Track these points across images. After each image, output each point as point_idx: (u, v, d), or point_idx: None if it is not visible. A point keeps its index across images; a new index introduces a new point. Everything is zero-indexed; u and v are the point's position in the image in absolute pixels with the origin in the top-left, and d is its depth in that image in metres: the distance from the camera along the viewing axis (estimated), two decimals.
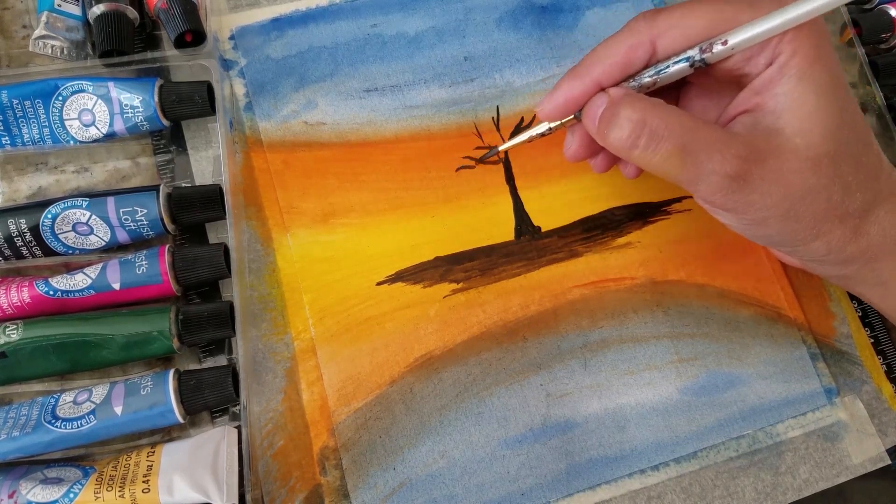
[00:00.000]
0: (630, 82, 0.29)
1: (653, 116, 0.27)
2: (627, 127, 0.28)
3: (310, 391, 0.33)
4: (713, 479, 0.34)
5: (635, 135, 0.28)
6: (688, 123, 0.27)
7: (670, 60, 0.28)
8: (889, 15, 0.40)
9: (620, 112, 0.28)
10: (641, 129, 0.27)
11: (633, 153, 0.28)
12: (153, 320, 0.31)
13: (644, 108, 0.28)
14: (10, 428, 0.29)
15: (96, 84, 0.33)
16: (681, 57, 0.28)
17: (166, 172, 0.35)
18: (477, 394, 0.34)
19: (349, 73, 0.38)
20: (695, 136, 0.27)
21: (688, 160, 0.27)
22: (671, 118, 0.27)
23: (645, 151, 0.28)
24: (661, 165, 0.28)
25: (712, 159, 0.27)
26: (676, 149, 0.27)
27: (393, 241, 0.35)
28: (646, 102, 0.28)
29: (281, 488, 0.32)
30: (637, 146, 0.28)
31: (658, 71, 0.29)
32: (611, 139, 0.29)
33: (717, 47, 0.27)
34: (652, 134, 0.27)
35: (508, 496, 0.32)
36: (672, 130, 0.27)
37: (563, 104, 0.30)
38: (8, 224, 0.31)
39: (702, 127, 0.27)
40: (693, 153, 0.27)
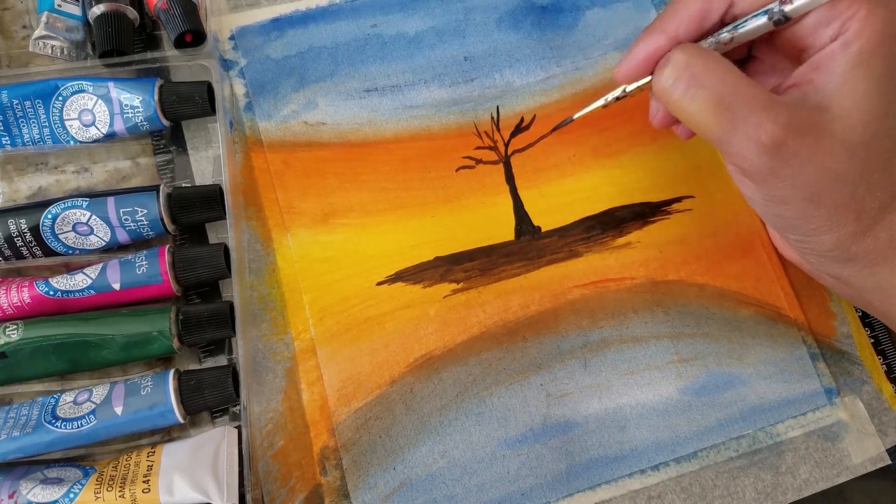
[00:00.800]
0: (708, 39, 0.28)
1: (697, 62, 0.26)
2: (671, 68, 0.27)
3: (310, 391, 0.33)
4: (713, 479, 0.34)
5: (675, 76, 0.27)
6: (732, 77, 0.26)
7: (749, 16, 0.27)
8: None
9: (671, 54, 0.27)
10: (683, 71, 0.27)
11: (672, 97, 0.27)
12: (153, 320, 0.31)
13: (692, 54, 0.27)
14: (10, 428, 0.29)
15: (96, 84, 0.33)
16: (760, 11, 0.27)
17: (166, 172, 0.35)
18: (477, 394, 0.34)
19: (349, 73, 0.38)
20: (736, 90, 0.26)
21: (724, 115, 0.26)
22: (716, 68, 0.26)
23: (683, 97, 0.27)
24: (696, 115, 0.27)
25: (749, 120, 0.26)
26: (714, 99, 0.26)
27: (393, 241, 0.35)
28: (697, 48, 0.27)
29: (281, 488, 0.32)
30: (676, 89, 0.27)
31: (735, 26, 0.28)
32: (656, 82, 0.28)
33: None
34: (692, 78, 0.26)
35: (508, 496, 0.32)
36: (713, 79, 0.26)
37: (643, 62, 0.29)
38: (8, 224, 0.31)
39: (746, 84, 0.26)
40: (730, 108, 0.26)
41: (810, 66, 0.28)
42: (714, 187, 0.38)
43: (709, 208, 0.38)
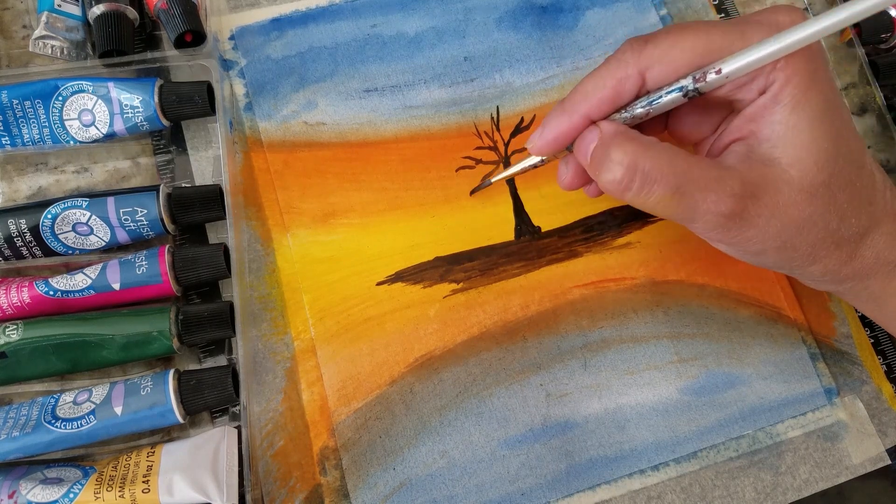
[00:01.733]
0: (622, 113, 0.29)
1: (644, 159, 0.27)
2: (619, 171, 0.27)
3: (310, 391, 0.33)
4: (713, 479, 0.34)
5: (627, 178, 0.27)
6: (680, 165, 0.27)
7: (662, 91, 0.28)
8: (889, 15, 0.40)
9: (611, 155, 0.27)
10: (633, 172, 0.27)
11: (627, 195, 0.28)
12: (153, 320, 0.31)
13: (635, 151, 0.27)
14: (10, 428, 0.29)
15: (96, 84, 0.33)
16: (673, 87, 0.27)
17: (166, 172, 0.35)
18: (477, 394, 0.34)
19: (349, 73, 0.38)
20: (688, 177, 0.27)
21: (682, 201, 0.27)
22: (663, 160, 0.27)
23: (638, 195, 0.27)
24: (655, 207, 0.28)
25: (707, 199, 0.27)
26: (670, 191, 0.27)
27: (393, 241, 0.35)
28: (636, 144, 0.27)
29: (281, 488, 0.32)
30: (630, 189, 0.27)
31: (650, 102, 0.28)
32: (603, 181, 0.28)
33: (710, 76, 0.27)
34: (644, 178, 0.27)
35: (508, 496, 0.32)
36: (664, 173, 0.27)
37: (553, 140, 0.30)
38: (8, 224, 0.31)
39: (695, 166, 0.27)
40: (687, 194, 0.27)
41: (746, 119, 0.28)
42: None
43: None
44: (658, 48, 0.27)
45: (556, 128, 0.29)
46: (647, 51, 0.28)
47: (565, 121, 0.29)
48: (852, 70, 0.41)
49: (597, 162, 0.28)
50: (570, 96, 0.29)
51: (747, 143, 0.28)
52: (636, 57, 0.28)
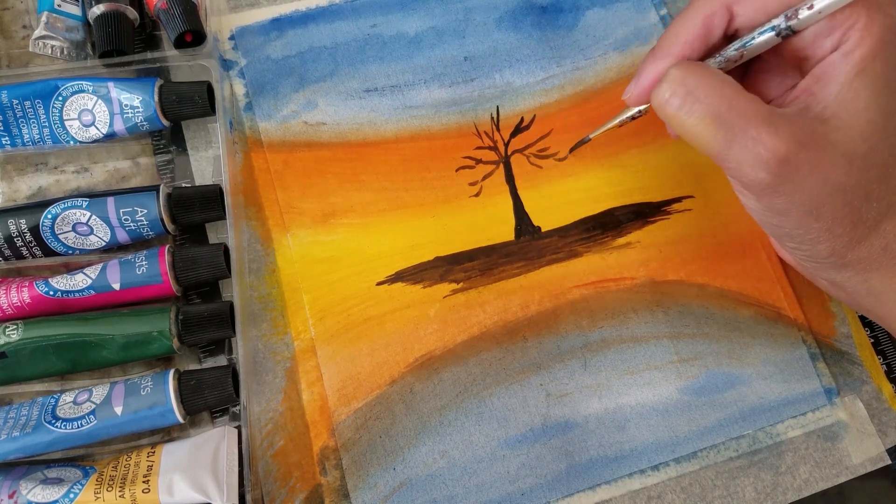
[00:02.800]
0: (715, 57, 0.28)
1: (693, 77, 0.26)
2: (668, 83, 0.27)
3: (310, 391, 0.33)
4: (713, 479, 0.34)
5: (670, 91, 0.27)
6: (729, 91, 0.26)
7: (755, 31, 0.27)
8: None
9: (669, 71, 0.27)
10: (678, 86, 0.26)
11: (668, 111, 0.27)
12: (153, 320, 0.31)
13: (688, 68, 0.27)
14: (10, 428, 0.29)
15: (96, 84, 0.33)
16: (766, 27, 0.27)
17: (166, 173, 0.35)
18: (477, 394, 0.34)
19: (349, 73, 0.38)
20: (732, 105, 0.26)
21: (722, 129, 0.26)
22: (712, 82, 0.26)
23: (679, 111, 0.27)
24: (693, 130, 0.27)
25: (748, 134, 0.26)
26: (711, 114, 0.26)
27: (393, 241, 0.35)
28: (694, 64, 0.27)
29: (281, 488, 0.32)
30: (671, 104, 0.27)
31: (743, 43, 0.28)
32: (653, 97, 0.28)
33: (802, 12, 0.26)
34: (688, 94, 0.26)
35: (508, 496, 0.32)
36: (710, 94, 0.26)
37: (650, 87, 0.29)
38: (8, 224, 0.31)
39: (744, 98, 0.26)
40: (727, 123, 0.26)
41: (812, 78, 0.27)
42: (714, 187, 0.38)
43: (709, 208, 0.38)
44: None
45: (651, 74, 0.29)
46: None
47: (658, 65, 0.28)
48: None
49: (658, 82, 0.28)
50: (661, 41, 0.29)
51: (805, 101, 0.27)
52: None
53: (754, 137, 0.25)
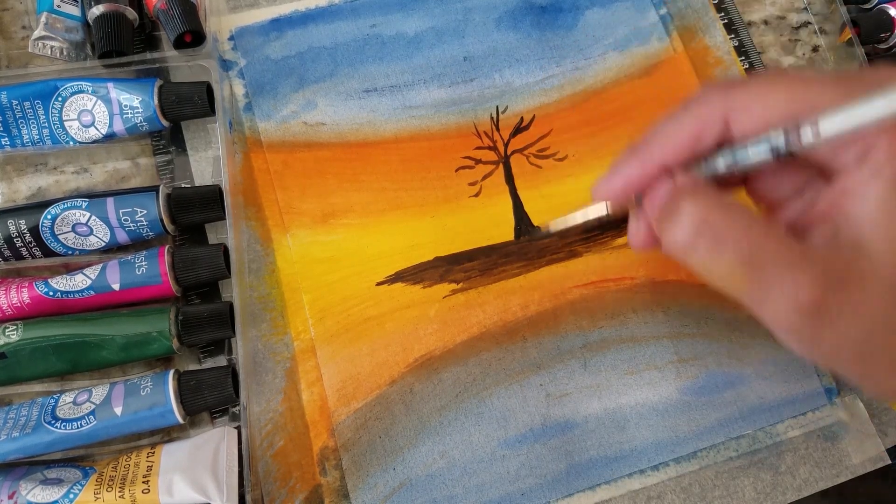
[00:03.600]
0: (701, 168, 0.25)
1: (718, 216, 0.23)
2: (687, 224, 0.24)
3: (309, 391, 0.33)
4: (713, 479, 0.34)
5: (694, 235, 0.23)
6: (757, 232, 0.23)
7: (748, 143, 0.24)
8: (888, 15, 0.40)
9: (682, 206, 0.24)
10: (702, 228, 0.23)
11: (692, 257, 0.24)
12: (153, 321, 0.31)
13: (709, 205, 0.23)
14: (10, 428, 0.29)
15: (96, 85, 0.33)
16: (761, 139, 0.24)
17: (166, 173, 0.35)
18: (477, 394, 0.34)
19: (348, 73, 0.38)
20: (764, 248, 0.23)
21: (754, 276, 0.23)
22: (739, 222, 0.23)
23: (705, 257, 0.24)
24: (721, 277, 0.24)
25: (784, 280, 0.23)
26: (741, 259, 0.23)
27: (393, 241, 0.35)
28: (712, 199, 0.24)
29: (281, 489, 0.32)
30: (695, 249, 0.24)
31: (734, 156, 0.25)
32: (668, 236, 0.24)
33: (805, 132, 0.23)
34: (714, 237, 0.23)
35: (508, 496, 0.32)
36: (738, 236, 0.23)
37: (622, 188, 0.26)
38: (7, 225, 0.31)
39: (774, 238, 0.23)
40: (760, 269, 0.23)
41: (837, 191, 0.24)
42: None
43: None
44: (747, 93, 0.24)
45: (626, 174, 0.26)
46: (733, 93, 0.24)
47: (637, 166, 0.26)
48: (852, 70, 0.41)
49: (664, 214, 0.25)
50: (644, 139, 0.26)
51: (834, 223, 0.24)
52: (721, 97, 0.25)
53: (791, 283, 0.22)
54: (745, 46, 0.41)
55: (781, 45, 0.42)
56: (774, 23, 0.42)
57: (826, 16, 0.43)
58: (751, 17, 0.42)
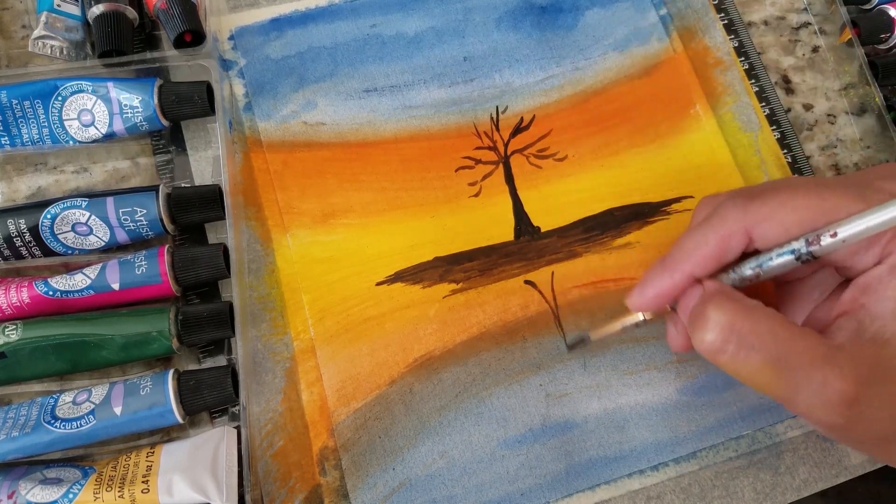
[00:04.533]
0: (730, 274, 0.27)
1: (743, 321, 0.25)
2: (715, 330, 0.25)
3: (309, 391, 0.33)
4: (712, 480, 0.34)
5: (722, 339, 0.25)
6: (783, 333, 0.24)
7: (773, 252, 0.26)
8: (888, 15, 0.40)
9: (708, 313, 0.25)
10: (729, 334, 0.25)
11: (721, 359, 0.25)
12: (152, 321, 0.31)
13: (734, 311, 0.25)
14: (9, 428, 0.29)
15: (96, 84, 0.33)
16: (784, 249, 0.26)
17: (166, 173, 0.35)
18: (476, 394, 0.34)
19: (348, 73, 0.38)
20: (791, 348, 0.24)
21: (784, 375, 0.24)
22: (764, 325, 0.25)
23: (734, 360, 0.25)
24: (752, 377, 0.25)
25: (812, 379, 0.24)
26: (769, 361, 0.24)
27: (392, 241, 0.35)
28: (737, 305, 0.25)
29: (280, 489, 0.32)
30: (724, 352, 0.25)
31: (759, 263, 0.26)
32: (698, 341, 0.26)
33: (825, 239, 0.25)
34: (741, 341, 0.25)
35: (508, 496, 0.32)
36: (764, 340, 0.24)
37: (654, 298, 0.28)
38: (7, 224, 0.31)
39: (799, 338, 0.24)
40: (789, 369, 0.24)
41: (858, 289, 0.26)
42: (714, 187, 0.38)
43: None
44: (766, 206, 0.26)
45: (658, 286, 0.28)
46: (753, 208, 0.26)
47: (667, 279, 0.27)
48: (852, 70, 0.41)
49: (693, 320, 0.26)
50: (672, 253, 0.28)
51: (858, 319, 0.26)
52: (741, 214, 0.26)
53: (821, 382, 0.24)
54: (744, 47, 0.41)
55: (781, 46, 0.42)
56: (774, 23, 0.42)
57: (826, 16, 0.43)
58: (751, 17, 0.42)
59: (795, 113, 0.41)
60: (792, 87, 0.41)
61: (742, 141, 0.39)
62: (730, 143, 0.39)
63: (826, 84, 0.41)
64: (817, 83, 0.41)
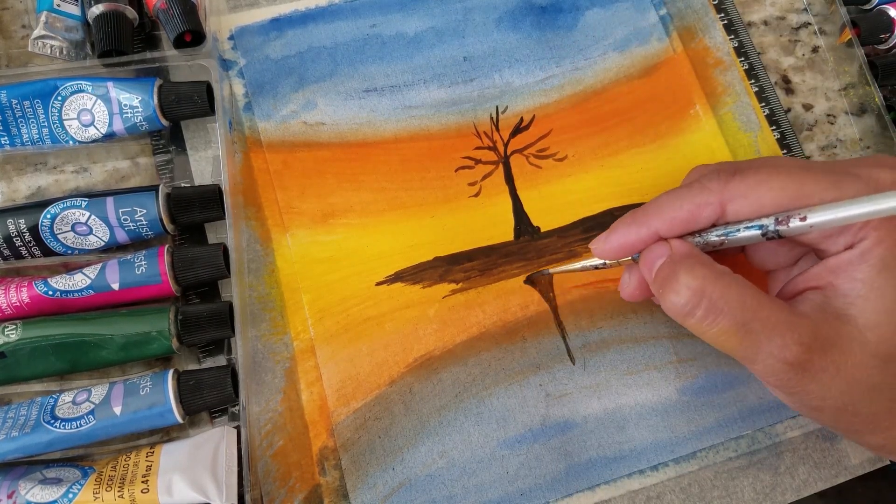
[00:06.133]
0: (695, 237, 0.28)
1: (713, 287, 0.26)
2: (685, 294, 0.26)
3: (309, 391, 0.33)
4: (712, 480, 0.34)
5: (692, 304, 0.26)
6: (749, 301, 0.26)
7: (742, 224, 0.27)
8: (888, 15, 0.40)
9: (679, 276, 0.27)
10: (699, 299, 0.26)
11: (688, 321, 0.27)
12: (152, 320, 0.31)
13: (705, 277, 0.26)
14: (9, 428, 0.29)
15: (95, 84, 0.33)
16: (753, 224, 0.27)
17: (165, 172, 0.35)
18: (476, 394, 0.34)
19: (348, 73, 0.38)
20: (756, 314, 0.26)
21: (746, 339, 0.26)
22: (732, 292, 0.26)
23: (701, 323, 0.26)
24: (716, 339, 0.27)
25: (772, 342, 0.26)
26: (735, 326, 0.26)
27: (392, 241, 0.35)
28: (707, 270, 0.26)
29: (280, 488, 0.32)
30: (692, 315, 0.27)
31: (727, 233, 0.27)
32: (667, 302, 0.27)
33: (793, 222, 0.25)
34: (710, 306, 0.26)
35: (508, 496, 0.32)
36: (732, 305, 0.26)
37: (619, 248, 0.29)
38: (7, 224, 0.31)
39: (765, 305, 0.26)
40: (752, 332, 0.26)
41: (827, 269, 0.27)
42: None
43: None
44: (745, 182, 0.27)
45: (623, 236, 0.29)
46: (733, 182, 0.27)
47: (633, 231, 0.28)
48: (851, 70, 0.41)
49: (662, 280, 0.27)
50: (644, 208, 0.29)
51: (824, 294, 0.27)
52: (721, 186, 0.27)
53: (780, 344, 0.25)
54: (744, 47, 0.41)
55: (781, 46, 0.42)
56: (774, 23, 0.42)
57: (826, 16, 0.43)
58: (751, 17, 0.42)
59: (795, 113, 0.41)
60: (792, 87, 0.41)
61: (742, 141, 0.39)
62: (730, 144, 0.39)
63: (826, 84, 0.41)
64: (817, 83, 0.41)
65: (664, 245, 0.28)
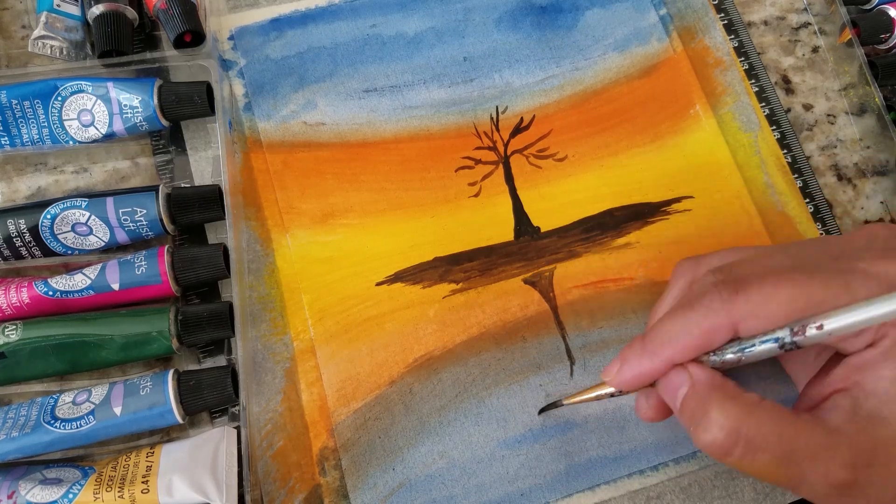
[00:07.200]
0: (711, 356, 0.27)
1: (748, 425, 0.25)
2: (719, 434, 0.26)
3: (309, 391, 0.33)
4: (712, 480, 0.34)
5: (729, 444, 0.26)
6: (787, 431, 0.25)
7: (756, 339, 0.26)
8: (888, 15, 0.40)
9: (710, 414, 0.26)
10: (735, 439, 0.25)
11: (727, 460, 0.26)
12: (152, 321, 0.31)
13: (738, 413, 0.26)
14: (9, 428, 0.29)
15: (95, 84, 0.33)
16: (768, 337, 0.26)
17: (165, 173, 0.35)
18: (476, 394, 0.34)
19: (348, 73, 0.38)
20: (795, 444, 0.25)
21: (789, 470, 0.25)
22: (767, 426, 0.25)
23: (741, 461, 0.26)
24: (757, 473, 0.26)
25: (816, 470, 0.25)
26: (776, 460, 0.25)
27: (392, 241, 0.35)
28: (738, 406, 0.26)
29: (280, 489, 0.32)
30: (730, 455, 0.26)
31: (742, 349, 0.26)
32: (699, 441, 0.26)
33: (811, 331, 0.25)
34: (748, 445, 0.25)
35: (508, 496, 0.32)
36: (769, 441, 0.25)
37: (633, 380, 0.28)
38: (7, 224, 0.31)
39: (801, 432, 0.25)
40: (794, 463, 0.25)
41: (850, 368, 0.26)
42: (713, 187, 0.38)
43: (708, 209, 0.38)
44: (751, 302, 0.26)
45: (636, 368, 0.28)
46: (738, 303, 0.26)
47: (647, 363, 0.28)
48: (851, 70, 0.41)
49: (690, 415, 0.27)
50: (653, 336, 0.28)
51: (852, 396, 0.26)
52: (727, 308, 0.26)
53: (823, 470, 0.25)
54: (744, 47, 0.41)
55: (781, 46, 0.42)
56: (774, 23, 0.42)
57: (826, 16, 0.43)
58: (751, 17, 0.42)
59: (795, 113, 0.41)
60: (792, 87, 0.41)
61: (742, 141, 0.39)
62: (730, 144, 0.39)
63: (826, 84, 0.41)
64: (817, 83, 0.41)
65: (682, 372, 0.27)
